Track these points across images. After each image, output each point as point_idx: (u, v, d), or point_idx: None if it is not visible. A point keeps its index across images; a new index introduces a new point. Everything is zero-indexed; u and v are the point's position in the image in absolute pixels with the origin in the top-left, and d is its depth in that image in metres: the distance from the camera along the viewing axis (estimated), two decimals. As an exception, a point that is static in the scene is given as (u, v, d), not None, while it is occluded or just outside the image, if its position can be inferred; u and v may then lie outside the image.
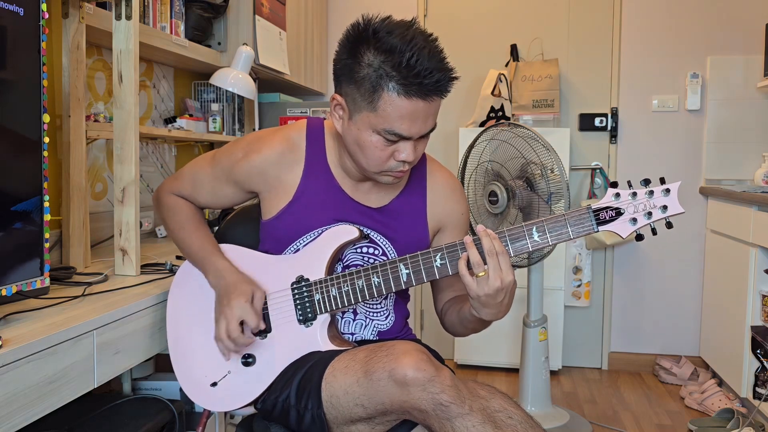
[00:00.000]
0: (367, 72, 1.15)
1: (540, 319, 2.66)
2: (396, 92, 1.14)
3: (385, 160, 1.21)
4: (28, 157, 1.19)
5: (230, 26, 2.57)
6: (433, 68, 1.13)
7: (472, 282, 1.15)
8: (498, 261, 1.14)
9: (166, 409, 1.63)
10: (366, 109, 1.18)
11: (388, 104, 1.15)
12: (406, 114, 1.15)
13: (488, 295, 1.15)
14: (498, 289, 1.14)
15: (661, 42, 3.32)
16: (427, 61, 1.12)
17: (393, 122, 1.16)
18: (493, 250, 1.14)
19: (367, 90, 1.16)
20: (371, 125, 1.18)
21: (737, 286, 2.77)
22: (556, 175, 2.34)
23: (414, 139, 1.20)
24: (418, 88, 1.13)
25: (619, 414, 2.84)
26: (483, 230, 1.16)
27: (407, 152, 1.20)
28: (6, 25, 1.12)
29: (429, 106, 1.17)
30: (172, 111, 2.60)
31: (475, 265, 1.15)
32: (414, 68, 1.12)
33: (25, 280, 1.18)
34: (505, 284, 1.14)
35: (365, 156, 1.22)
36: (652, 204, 1.14)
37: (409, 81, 1.13)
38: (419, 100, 1.15)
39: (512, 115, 3.31)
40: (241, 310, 1.24)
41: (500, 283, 1.14)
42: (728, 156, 3.27)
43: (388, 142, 1.19)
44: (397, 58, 1.12)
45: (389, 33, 1.14)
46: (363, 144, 1.21)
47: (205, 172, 1.42)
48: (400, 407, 1.09)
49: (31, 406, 1.05)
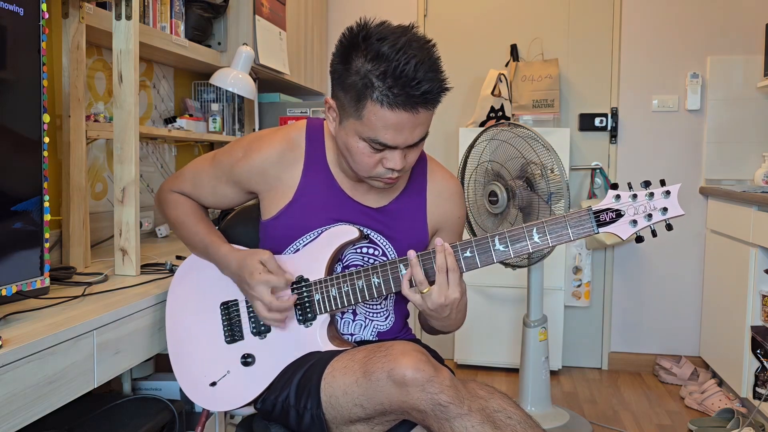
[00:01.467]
0: (354, 79, 1.13)
1: (540, 319, 2.66)
2: (379, 103, 1.11)
3: (373, 167, 1.20)
4: (28, 157, 1.19)
5: (230, 26, 2.57)
6: (421, 79, 1.09)
7: (415, 296, 1.18)
8: (447, 278, 1.16)
9: (166, 409, 1.63)
10: (352, 116, 1.16)
11: (372, 114, 1.13)
12: (390, 125, 1.13)
13: (433, 310, 1.17)
14: (441, 305, 1.16)
15: (661, 42, 3.32)
16: (414, 71, 1.08)
17: (377, 132, 1.14)
18: (444, 267, 1.16)
19: (353, 98, 1.14)
20: (357, 132, 1.17)
21: (737, 286, 2.76)
22: (556, 175, 2.34)
23: (401, 148, 1.18)
24: (403, 100, 1.10)
25: (619, 414, 2.84)
26: (440, 245, 1.17)
27: (395, 161, 1.18)
28: (6, 25, 1.13)
29: (415, 117, 1.13)
30: (172, 111, 2.60)
31: (419, 283, 1.17)
32: (400, 78, 1.08)
33: (25, 280, 1.18)
34: (449, 301, 1.16)
35: (354, 161, 1.22)
36: (652, 206, 1.14)
37: (393, 92, 1.09)
38: (403, 112, 1.11)
39: (512, 115, 3.31)
40: (264, 283, 1.23)
41: (444, 300, 1.15)
42: (728, 156, 3.27)
43: (375, 150, 1.18)
44: (383, 66, 1.09)
45: (381, 39, 1.11)
46: (351, 149, 1.20)
47: (206, 172, 1.42)
48: (399, 407, 1.09)
49: (31, 406, 1.05)
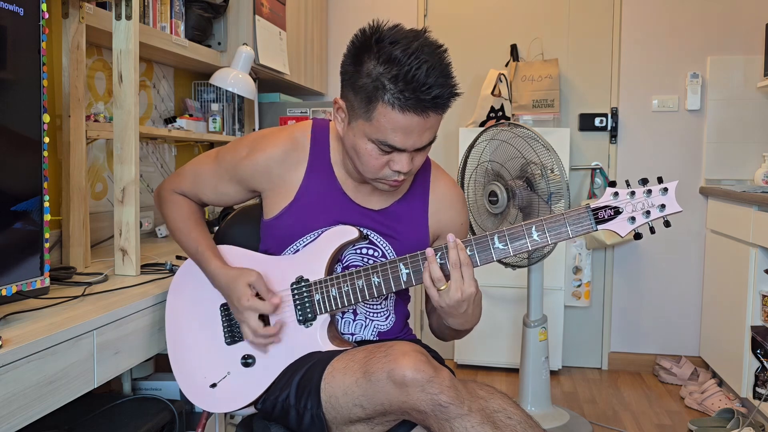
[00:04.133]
0: (366, 81, 1.14)
1: (540, 319, 2.66)
2: (390, 105, 1.12)
3: (380, 169, 1.21)
4: (28, 157, 1.19)
5: (230, 26, 2.58)
6: (432, 84, 1.11)
7: (435, 294, 1.18)
8: (461, 273, 1.16)
9: (166, 409, 1.63)
10: (362, 118, 1.17)
11: (382, 116, 1.14)
12: (399, 127, 1.14)
13: (450, 306, 1.17)
14: (459, 301, 1.16)
15: (661, 42, 3.32)
16: (426, 75, 1.10)
17: (387, 134, 1.16)
18: (458, 262, 1.16)
19: (363, 99, 1.15)
20: (366, 134, 1.18)
21: (737, 286, 2.76)
22: (556, 175, 2.34)
23: (409, 151, 1.19)
24: (414, 103, 1.12)
25: (619, 414, 2.84)
26: (453, 241, 1.17)
27: (402, 163, 1.19)
28: (6, 25, 1.13)
29: (425, 121, 1.15)
30: (172, 111, 2.60)
31: (436, 280, 1.17)
32: (411, 82, 1.10)
33: (25, 280, 1.18)
34: (465, 296, 1.16)
35: (361, 162, 1.23)
36: (650, 203, 1.15)
37: (405, 95, 1.11)
38: (414, 115, 1.13)
39: (512, 115, 3.31)
40: (251, 309, 1.25)
41: (461, 295, 1.16)
42: (728, 156, 3.27)
43: (383, 152, 1.19)
44: (395, 70, 1.11)
45: (393, 43, 1.12)
46: (358, 151, 1.21)
47: (208, 170, 1.42)
48: (399, 408, 1.09)
49: (31, 406, 1.05)
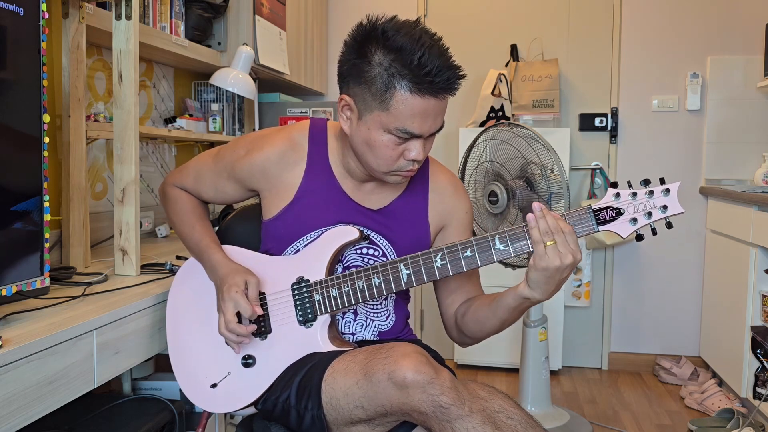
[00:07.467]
0: (378, 71, 1.16)
1: (540, 319, 2.66)
2: (409, 90, 1.15)
3: (395, 160, 1.22)
4: (28, 157, 1.19)
5: (230, 26, 2.57)
6: (443, 66, 1.14)
7: (541, 249, 1.12)
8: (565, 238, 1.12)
9: (166, 409, 1.63)
10: (378, 109, 1.18)
11: (400, 103, 1.16)
12: (418, 112, 1.17)
13: (558, 268, 1.11)
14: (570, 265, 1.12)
15: (661, 42, 3.32)
16: (437, 59, 1.14)
17: (405, 120, 1.17)
18: (558, 228, 1.12)
19: (379, 89, 1.17)
20: (383, 124, 1.19)
21: (737, 286, 2.76)
22: (556, 175, 2.34)
23: (425, 137, 1.21)
24: (429, 86, 1.15)
25: (619, 414, 2.84)
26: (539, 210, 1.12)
27: (417, 150, 1.21)
28: (6, 25, 1.12)
29: (439, 104, 1.18)
30: (172, 111, 2.60)
31: (544, 233, 1.12)
32: (425, 66, 1.13)
33: (25, 280, 1.18)
34: (577, 260, 1.12)
35: (375, 156, 1.23)
36: (652, 204, 1.14)
37: (420, 79, 1.14)
38: (431, 98, 1.16)
39: (512, 115, 3.31)
40: (233, 301, 1.24)
41: (572, 259, 1.11)
42: (728, 156, 3.27)
43: (400, 140, 1.20)
44: (407, 56, 1.13)
45: (397, 32, 1.15)
46: (373, 144, 1.21)
47: (208, 168, 1.43)
48: (400, 409, 1.09)
49: (31, 406, 1.05)
